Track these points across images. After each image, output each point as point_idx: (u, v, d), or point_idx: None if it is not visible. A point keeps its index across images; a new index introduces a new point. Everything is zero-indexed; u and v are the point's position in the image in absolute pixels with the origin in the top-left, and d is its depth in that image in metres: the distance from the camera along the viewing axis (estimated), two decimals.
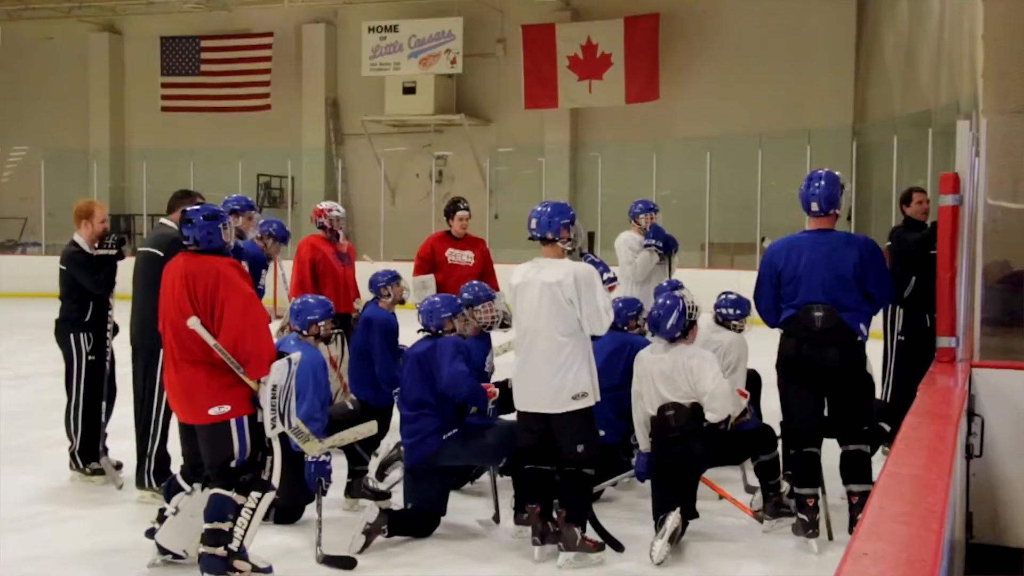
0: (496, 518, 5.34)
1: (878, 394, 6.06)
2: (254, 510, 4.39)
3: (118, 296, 5.96)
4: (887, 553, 2.02)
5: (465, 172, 19.80)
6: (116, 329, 6.02)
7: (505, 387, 5.41)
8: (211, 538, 4.33)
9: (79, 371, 5.97)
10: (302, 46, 20.99)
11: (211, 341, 4.31)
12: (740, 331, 5.89)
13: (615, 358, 5.61)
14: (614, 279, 7.03)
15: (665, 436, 5.03)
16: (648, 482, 5.20)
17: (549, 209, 4.88)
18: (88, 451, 6.01)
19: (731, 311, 5.91)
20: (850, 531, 4.84)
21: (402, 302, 6.31)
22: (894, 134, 14.77)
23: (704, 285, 7.32)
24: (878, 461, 5.22)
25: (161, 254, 5.22)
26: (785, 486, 5.32)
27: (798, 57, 17.26)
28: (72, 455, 6.07)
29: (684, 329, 5.13)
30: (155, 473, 5.59)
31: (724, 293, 6.02)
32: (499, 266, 7.57)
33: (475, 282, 6.01)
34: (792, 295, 5.09)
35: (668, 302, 5.20)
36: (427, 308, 5.31)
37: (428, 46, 19.17)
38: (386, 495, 5.58)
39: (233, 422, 4.38)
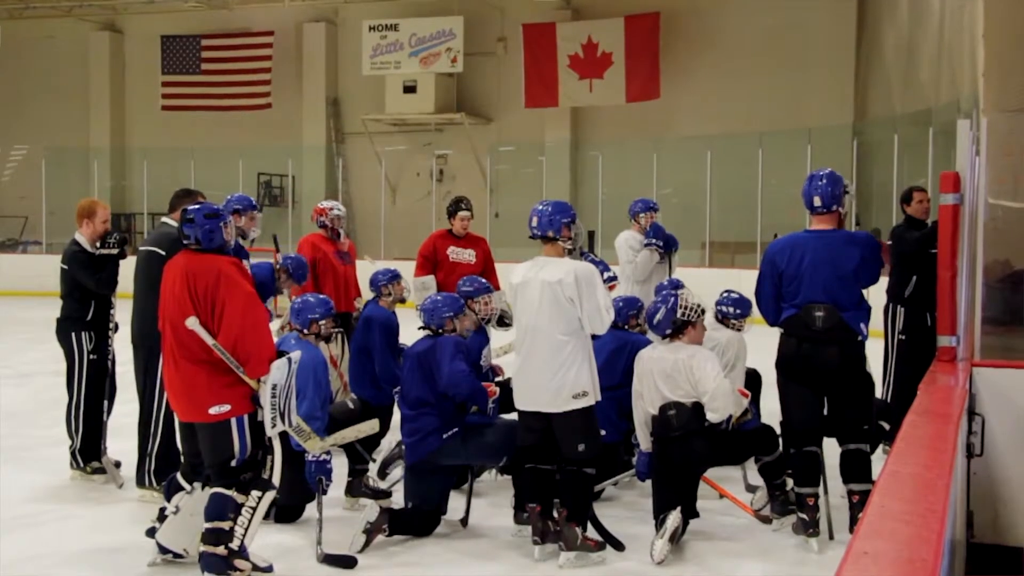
0: (464, 521, 5.29)
1: (878, 393, 6.05)
2: (254, 509, 4.39)
3: (119, 295, 5.97)
4: (888, 552, 2.02)
5: (466, 171, 19.80)
6: (116, 327, 6.02)
7: (506, 386, 5.41)
8: (211, 537, 4.33)
9: (80, 370, 5.97)
10: (303, 45, 20.99)
11: (210, 341, 4.30)
12: (739, 330, 5.89)
13: (616, 357, 5.61)
14: (614, 278, 7.05)
15: (666, 435, 5.02)
16: (649, 481, 5.20)
17: (550, 208, 4.88)
18: (89, 450, 6.01)
19: (731, 310, 5.90)
20: (851, 530, 4.84)
21: (402, 301, 6.32)
22: (894, 133, 14.75)
23: (705, 284, 7.31)
24: (878, 460, 5.22)
25: (163, 253, 5.22)
26: (790, 483, 5.32)
27: (798, 56, 17.25)
28: (73, 454, 6.07)
29: (675, 326, 5.11)
30: (156, 472, 5.58)
31: (727, 292, 6.01)
32: (500, 265, 7.59)
33: (474, 276, 6.07)
34: (793, 294, 5.08)
35: (659, 299, 5.20)
36: (429, 307, 5.32)
37: (429, 45, 19.17)
38: (387, 494, 5.58)
39: (233, 421, 4.38)
